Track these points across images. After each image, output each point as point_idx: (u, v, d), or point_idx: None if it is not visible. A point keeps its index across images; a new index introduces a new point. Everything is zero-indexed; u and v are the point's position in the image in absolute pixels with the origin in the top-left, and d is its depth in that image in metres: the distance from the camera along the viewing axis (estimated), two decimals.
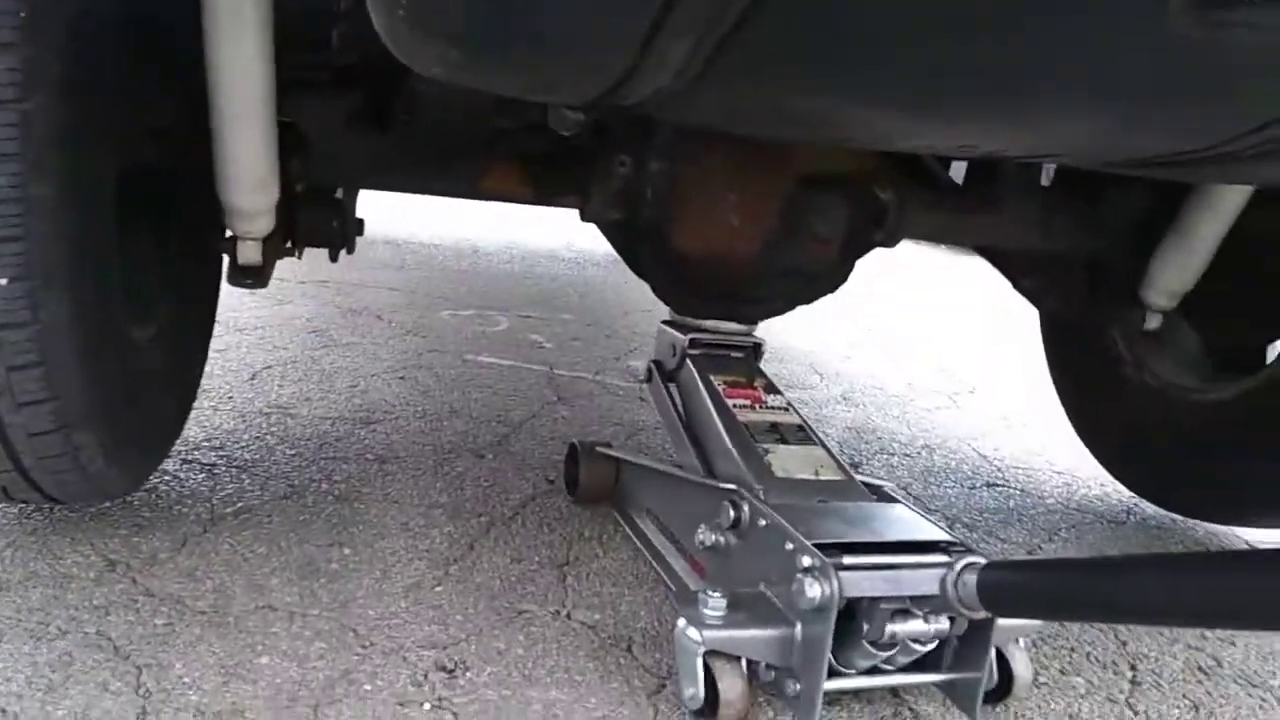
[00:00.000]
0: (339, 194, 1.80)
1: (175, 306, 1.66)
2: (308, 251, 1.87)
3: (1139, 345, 2.16)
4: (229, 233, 1.64)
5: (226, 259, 1.68)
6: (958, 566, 1.16)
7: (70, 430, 1.29)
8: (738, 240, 1.73)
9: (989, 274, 2.27)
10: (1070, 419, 2.47)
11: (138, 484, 1.64)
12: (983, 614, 1.18)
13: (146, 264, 1.55)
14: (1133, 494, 2.41)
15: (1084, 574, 1.04)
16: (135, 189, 1.44)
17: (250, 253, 1.59)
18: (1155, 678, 1.55)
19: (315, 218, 1.73)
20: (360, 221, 1.90)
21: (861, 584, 1.23)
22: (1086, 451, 2.71)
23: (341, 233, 1.76)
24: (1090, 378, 2.38)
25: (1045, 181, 2.12)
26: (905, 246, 2.01)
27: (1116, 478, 2.37)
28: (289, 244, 1.76)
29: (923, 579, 1.23)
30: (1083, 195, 2.00)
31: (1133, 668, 1.57)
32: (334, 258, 1.86)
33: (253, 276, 1.62)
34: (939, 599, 1.20)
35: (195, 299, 1.81)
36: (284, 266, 3.88)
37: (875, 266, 2.28)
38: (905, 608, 1.23)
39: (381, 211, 5.53)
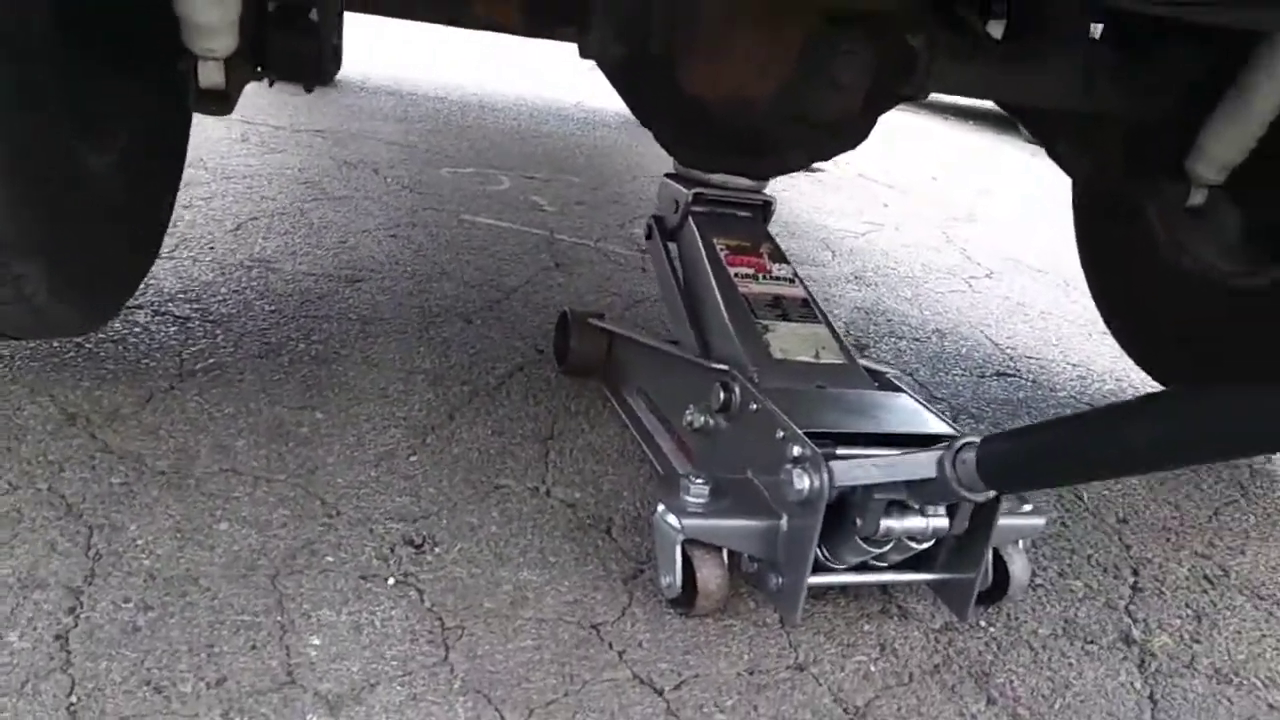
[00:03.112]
0: (313, 15, 1.64)
1: (138, 135, 1.54)
2: (304, 100, 1.72)
3: (1178, 223, 2.02)
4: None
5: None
6: (955, 446, 1.07)
7: (6, 258, 1.20)
8: (753, 83, 1.57)
9: (1012, 154, 2.12)
10: (1096, 300, 2.35)
11: (94, 324, 1.55)
12: (984, 494, 1.09)
13: (102, 84, 1.43)
14: (1150, 389, 2.32)
15: (1087, 431, 0.97)
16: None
17: (212, 74, 1.45)
18: (1158, 584, 1.49)
19: (285, 39, 1.58)
20: (338, 49, 1.74)
21: (854, 475, 1.15)
22: (1102, 344, 2.61)
23: (316, 58, 1.60)
24: (1122, 256, 2.24)
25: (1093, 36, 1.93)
26: (916, 120, 1.86)
27: (1140, 364, 2.27)
28: (258, 69, 1.61)
29: (918, 464, 1.14)
30: (1133, 53, 1.82)
31: (1135, 573, 1.51)
32: (308, 88, 1.71)
33: (216, 102, 1.48)
34: (937, 483, 1.11)
35: (161, 128, 1.69)
36: (278, 113, 3.71)
37: (902, 139, 2.13)
38: (902, 500, 1.15)
39: (385, 62, 5.31)
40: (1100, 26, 1.96)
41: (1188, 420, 0.88)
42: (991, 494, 1.08)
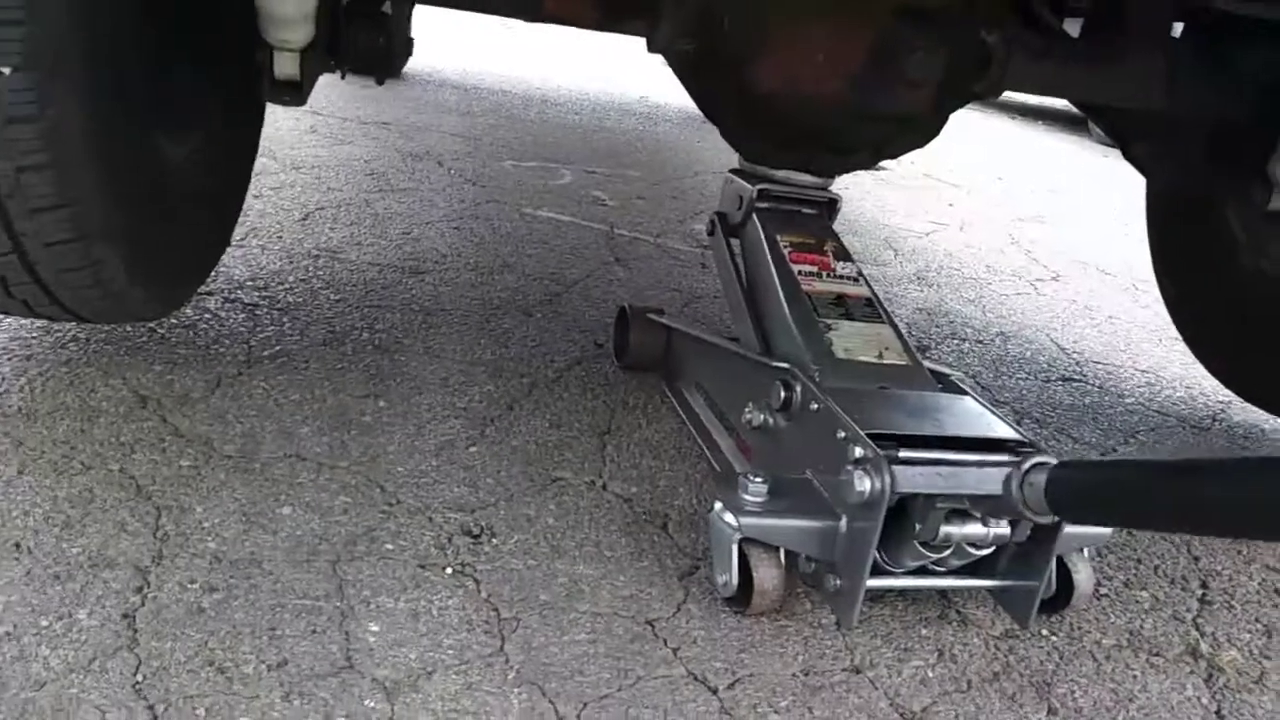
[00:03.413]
0: (387, 8, 1.66)
1: (214, 124, 1.58)
2: (371, 92, 1.75)
3: (1259, 227, 1.95)
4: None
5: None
6: (1025, 466, 1.05)
7: (89, 242, 1.23)
8: (822, 78, 1.54)
9: (1082, 156, 2.07)
10: (1169, 307, 2.29)
11: (168, 309, 1.59)
12: (1049, 518, 1.07)
13: (181, 74, 1.46)
14: (1220, 398, 2.26)
15: (1166, 477, 0.92)
16: None
17: (287, 65, 1.48)
18: (1227, 597, 1.45)
19: (359, 32, 1.60)
20: (411, 42, 1.76)
21: (916, 480, 1.13)
22: (1172, 350, 2.54)
23: (388, 51, 1.62)
24: (1198, 261, 2.17)
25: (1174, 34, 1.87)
26: (984, 119, 1.82)
27: (1215, 373, 2.20)
28: (331, 61, 1.64)
29: (985, 478, 1.12)
30: (1214, 52, 1.77)
31: (1204, 585, 1.47)
32: (379, 80, 1.74)
33: (290, 93, 1.51)
34: (1001, 500, 1.09)
35: (237, 118, 1.72)
36: (346, 105, 3.77)
37: (969, 138, 2.09)
38: (963, 508, 1.13)
39: (451, 55, 5.36)
40: (1181, 25, 1.90)
41: (1276, 491, 0.78)
42: (1055, 519, 1.06)
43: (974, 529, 1.13)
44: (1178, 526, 0.94)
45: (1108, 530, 1.27)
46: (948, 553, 1.15)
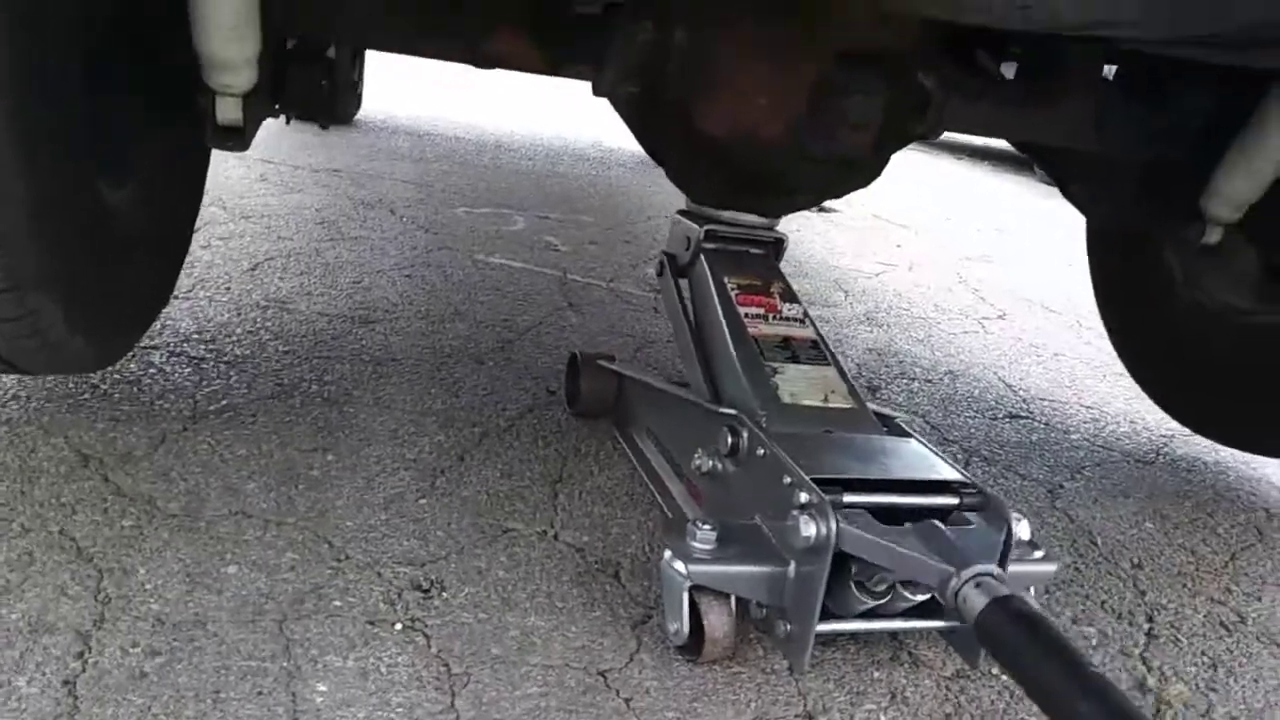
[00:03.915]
0: (331, 53, 1.66)
1: (155, 169, 1.56)
2: (323, 140, 1.74)
3: (1194, 262, 2.01)
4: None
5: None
6: (964, 575, 1.06)
7: (22, 291, 1.20)
8: (766, 121, 1.57)
9: (1024, 195, 2.12)
10: (1112, 340, 2.34)
11: (110, 359, 1.57)
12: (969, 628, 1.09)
13: (121, 118, 1.44)
14: (1163, 433, 2.31)
15: (1083, 690, 0.93)
16: (105, 31, 1.33)
17: (229, 110, 1.46)
18: (1173, 631, 1.47)
19: (303, 76, 1.60)
20: (357, 86, 1.77)
21: (862, 549, 1.13)
22: (1116, 386, 2.60)
23: (332, 95, 1.62)
24: (1138, 295, 2.23)
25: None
26: (931, 160, 1.87)
27: (1158, 403, 2.25)
28: (275, 105, 1.63)
29: (924, 571, 1.13)
30: (1145, 93, 1.83)
31: (1150, 619, 1.49)
32: (323, 125, 1.74)
33: (233, 138, 1.49)
34: (934, 597, 1.12)
35: (179, 163, 1.71)
36: (297, 153, 3.77)
37: (916, 179, 2.14)
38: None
39: (404, 102, 5.38)
40: (1113, 67, 1.97)
41: None
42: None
43: None
44: None
45: (1053, 567, 1.29)
46: (887, 598, 1.16)
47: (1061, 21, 1.16)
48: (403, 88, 5.63)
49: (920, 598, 1.18)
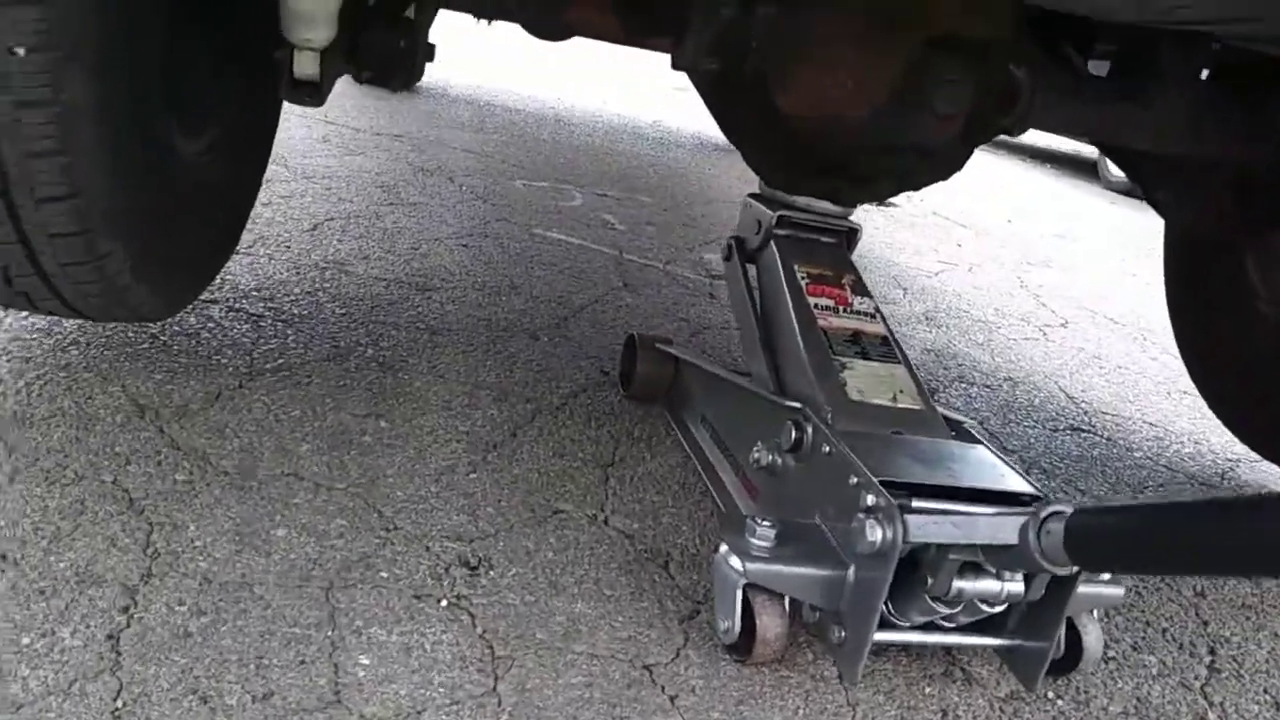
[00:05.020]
0: (410, 12, 1.64)
1: (229, 121, 1.55)
2: (386, 104, 1.71)
3: (1277, 275, 1.93)
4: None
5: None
6: (1042, 514, 1.02)
7: (94, 235, 1.19)
8: (850, 104, 1.50)
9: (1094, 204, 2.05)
10: (1184, 356, 2.26)
11: (171, 310, 1.56)
12: (1067, 569, 1.04)
13: (197, 70, 1.44)
14: (1229, 456, 2.23)
15: (1188, 519, 0.89)
16: None
17: (307, 65, 1.44)
18: (1236, 666, 1.42)
19: (382, 34, 1.57)
20: (432, 48, 1.73)
21: (930, 532, 1.10)
22: (1181, 404, 2.52)
23: (409, 55, 1.59)
24: (1215, 309, 2.15)
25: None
26: (994, 160, 1.80)
27: (1226, 422, 2.17)
28: (351, 63, 1.61)
29: (999, 527, 1.09)
30: (1242, 97, 1.75)
31: (1212, 652, 1.44)
32: (395, 87, 1.71)
33: (309, 93, 1.48)
34: (1017, 550, 1.07)
35: (253, 117, 1.70)
36: (360, 116, 3.76)
37: (979, 179, 2.07)
38: (977, 561, 1.10)
39: (465, 71, 5.36)
40: (1209, 70, 1.88)
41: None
42: (1074, 569, 1.03)
43: (988, 584, 1.10)
44: (1204, 570, 0.91)
45: (1120, 591, 1.24)
46: (958, 609, 1.12)
47: (1176, 15, 1.10)
48: (463, 56, 5.60)
49: (995, 610, 1.13)
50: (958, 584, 1.10)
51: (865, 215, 4.03)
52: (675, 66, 1.57)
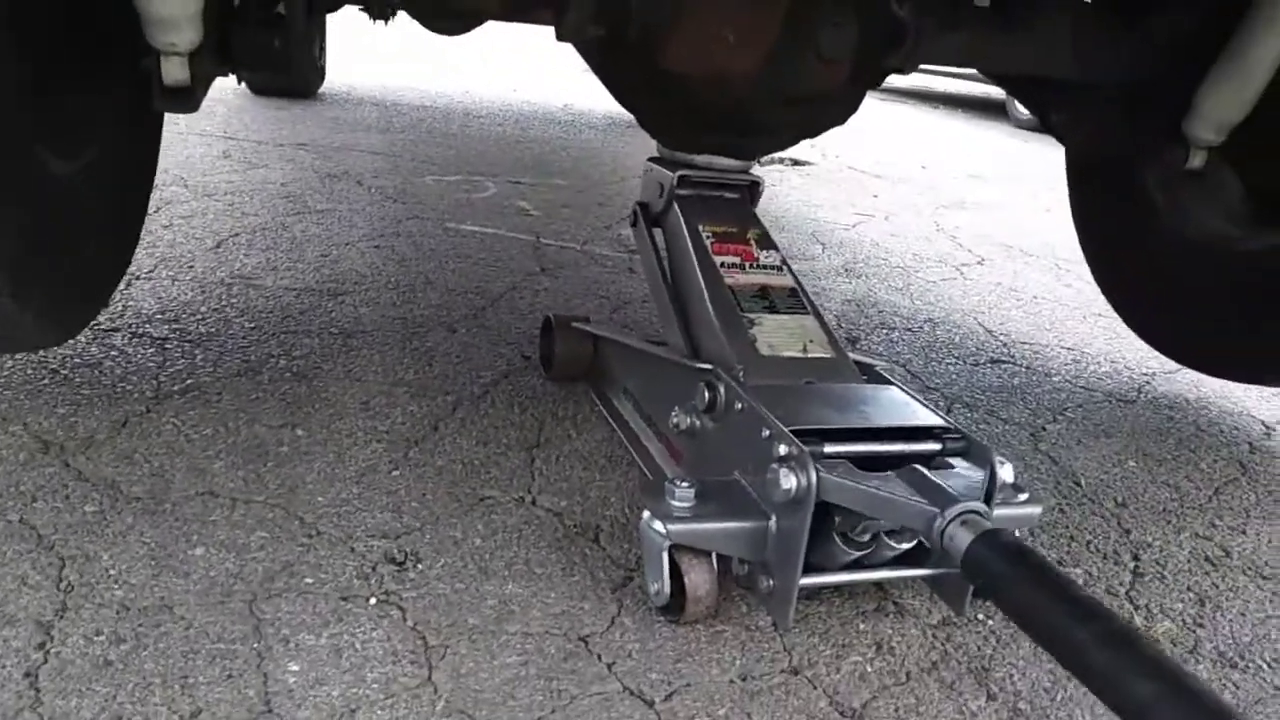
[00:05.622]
0: (280, 8, 1.59)
1: (107, 141, 1.51)
2: (287, 114, 1.67)
3: (1177, 189, 1.98)
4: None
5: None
6: (949, 514, 1.04)
7: None
8: (735, 58, 1.51)
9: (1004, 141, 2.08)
10: (1095, 274, 2.31)
11: (65, 336, 1.52)
12: (956, 569, 1.07)
13: (68, 89, 1.39)
14: (1144, 370, 2.29)
15: (1081, 622, 0.91)
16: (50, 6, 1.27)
17: (175, 70, 1.39)
18: (1159, 568, 1.46)
19: (252, 33, 1.53)
20: (322, 58, 1.70)
21: (844, 497, 1.11)
22: (1096, 326, 2.58)
23: (284, 54, 1.55)
24: (1120, 226, 2.20)
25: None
26: (906, 110, 1.82)
27: (1142, 335, 2.23)
28: (224, 64, 1.56)
29: (911, 517, 1.10)
30: (1123, 16, 1.78)
31: (1135, 558, 1.48)
32: (286, 94, 1.67)
33: (181, 99, 1.43)
34: (920, 540, 1.11)
35: (131, 131, 1.65)
36: (261, 128, 3.69)
37: (891, 129, 2.09)
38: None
39: (369, 73, 5.29)
40: None
41: (1181, 699, 0.80)
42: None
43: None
44: (1063, 663, 0.96)
45: (1037, 510, 1.27)
46: (871, 549, 1.14)
47: None
48: (366, 59, 5.53)
49: (905, 546, 1.16)
50: (866, 523, 1.12)
51: (780, 174, 4.06)
52: (560, 38, 1.56)
